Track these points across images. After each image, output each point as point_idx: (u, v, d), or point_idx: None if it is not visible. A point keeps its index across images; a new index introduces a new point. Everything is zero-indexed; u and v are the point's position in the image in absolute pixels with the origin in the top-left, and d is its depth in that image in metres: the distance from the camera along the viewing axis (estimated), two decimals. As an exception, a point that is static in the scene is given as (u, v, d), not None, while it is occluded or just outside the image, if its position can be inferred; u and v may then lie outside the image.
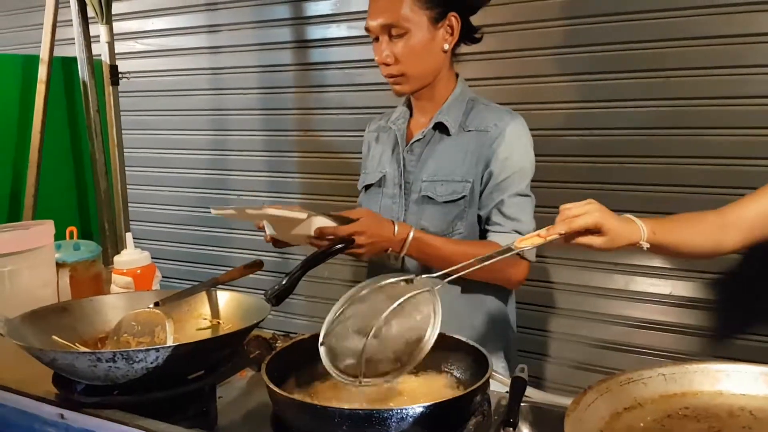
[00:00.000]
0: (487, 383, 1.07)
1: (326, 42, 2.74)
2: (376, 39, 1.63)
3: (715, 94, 2.05)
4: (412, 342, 1.08)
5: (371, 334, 1.04)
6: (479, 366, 1.12)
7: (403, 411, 0.94)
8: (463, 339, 1.20)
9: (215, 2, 2.99)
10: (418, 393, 1.14)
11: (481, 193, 1.64)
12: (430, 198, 1.65)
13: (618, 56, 2.16)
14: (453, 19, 1.62)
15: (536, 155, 2.29)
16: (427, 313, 1.09)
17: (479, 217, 1.65)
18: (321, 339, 1.09)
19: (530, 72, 2.30)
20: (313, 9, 2.77)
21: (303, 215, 1.45)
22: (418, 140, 1.69)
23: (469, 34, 1.68)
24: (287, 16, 2.84)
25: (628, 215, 1.30)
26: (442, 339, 1.21)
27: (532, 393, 1.19)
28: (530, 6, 2.27)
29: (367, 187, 1.78)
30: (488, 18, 2.30)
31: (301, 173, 2.89)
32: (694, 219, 1.40)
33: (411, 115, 1.76)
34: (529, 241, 1.20)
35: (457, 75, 1.72)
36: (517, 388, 1.15)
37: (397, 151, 1.72)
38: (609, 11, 2.15)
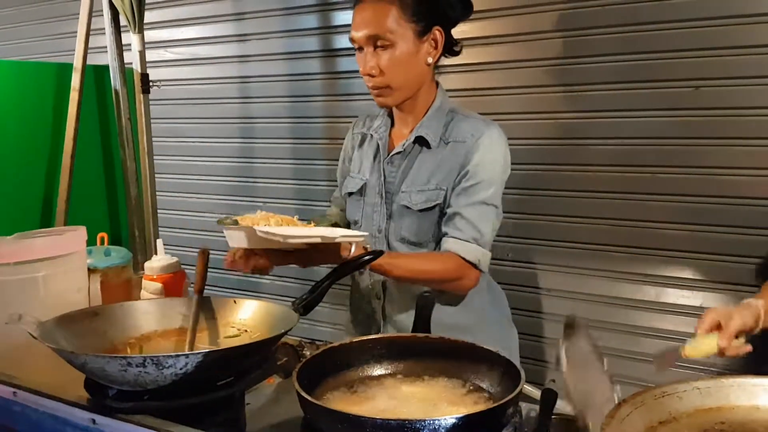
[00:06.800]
0: (519, 395, 1.06)
1: (353, 51, 2.72)
2: (360, 49, 1.64)
3: (747, 104, 2.02)
4: None
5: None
6: (510, 377, 1.11)
7: (436, 422, 0.93)
8: (493, 349, 1.19)
9: (244, 12, 3.02)
10: (448, 402, 1.13)
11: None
12: (407, 207, 1.67)
13: (649, 65, 2.14)
14: (437, 33, 1.63)
15: (565, 164, 2.31)
16: None
17: (443, 214, 1.66)
18: None
19: (560, 81, 2.29)
20: (340, 18, 2.78)
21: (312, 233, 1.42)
22: (399, 153, 1.71)
23: (449, 47, 1.69)
24: (315, 26, 2.86)
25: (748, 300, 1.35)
26: (470, 349, 1.21)
27: (562, 405, 1.17)
28: (562, 14, 2.26)
29: (349, 194, 1.80)
30: (520, 26, 2.33)
31: (328, 181, 2.89)
32: None
33: (392, 124, 1.77)
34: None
35: (437, 85, 1.73)
36: (548, 400, 1.13)
37: (378, 161, 1.74)
38: (642, 20, 2.13)
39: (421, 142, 1.68)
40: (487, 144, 1.63)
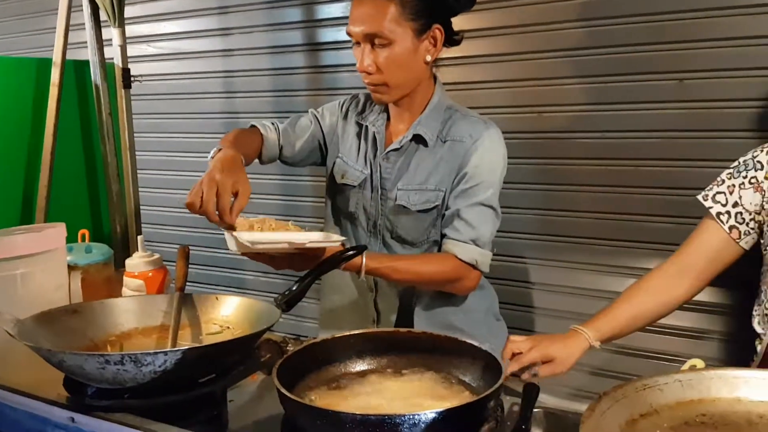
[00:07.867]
0: (500, 388, 1.06)
1: (338, 45, 2.73)
2: (357, 43, 1.61)
3: (732, 96, 2.02)
4: None
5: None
6: (491, 370, 1.11)
7: (416, 417, 0.93)
8: (475, 343, 1.19)
9: (227, 5, 2.99)
10: (430, 397, 1.13)
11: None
12: (405, 207, 1.66)
13: (632, 58, 2.14)
14: (437, 31, 1.61)
15: (548, 157, 2.31)
16: None
17: (442, 216, 1.66)
18: None
19: (544, 74, 2.29)
20: (325, 12, 2.77)
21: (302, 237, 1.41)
22: (396, 150, 1.69)
23: (450, 39, 1.67)
24: (299, 19, 2.83)
25: (573, 326, 1.43)
26: (453, 343, 1.21)
27: (545, 399, 1.18)
28: (545, 7, 2.25)
29: (345, 184, 1.76)
30: (503, 19, 2.32)
31: (313, 176, 2.89)
32: (639, 291, 1.52)
33: (388, 118, 1.75)
34: None
35: (435, 79, 1.71)
36: (530, 393, 1.13)
37: (374, 155, 1.72)
38: (625, 13, 2.13)
39: (418, 140, 1.67)
40: (486, 146, 1.63)
